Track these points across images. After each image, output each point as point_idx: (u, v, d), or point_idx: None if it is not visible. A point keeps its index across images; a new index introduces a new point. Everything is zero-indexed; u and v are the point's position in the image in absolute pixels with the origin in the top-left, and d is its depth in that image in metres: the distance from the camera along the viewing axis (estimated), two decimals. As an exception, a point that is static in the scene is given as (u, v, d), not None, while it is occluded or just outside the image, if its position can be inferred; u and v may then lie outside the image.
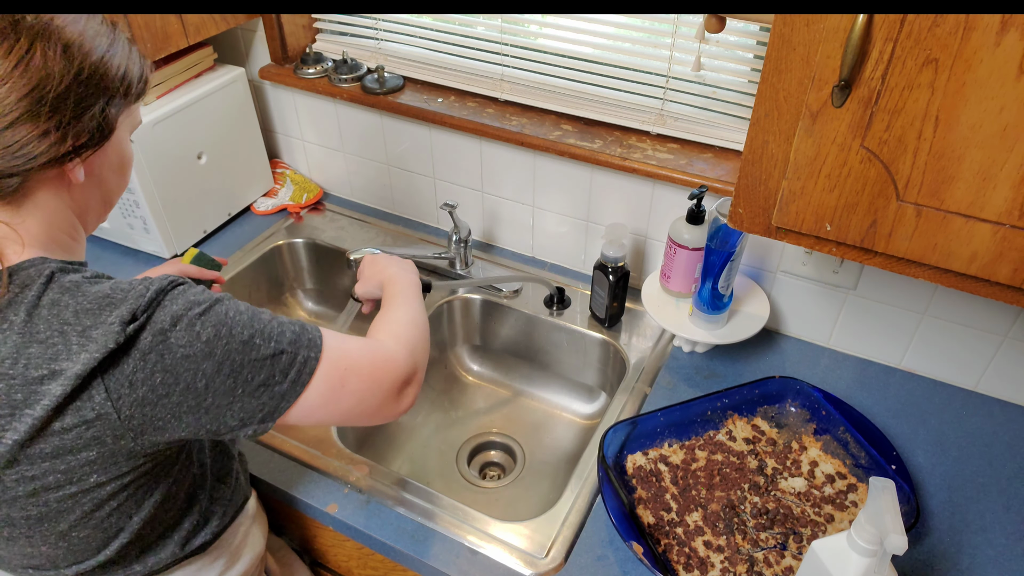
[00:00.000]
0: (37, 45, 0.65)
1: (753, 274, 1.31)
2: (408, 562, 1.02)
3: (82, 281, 0.70)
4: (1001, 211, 0.70)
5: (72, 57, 0.67)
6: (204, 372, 0.69)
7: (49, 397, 0.65)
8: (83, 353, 0.65)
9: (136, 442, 0.70)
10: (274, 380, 0.72)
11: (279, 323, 0.75)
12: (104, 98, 0.70)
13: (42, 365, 0.65)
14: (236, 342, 0.70)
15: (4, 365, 0.66)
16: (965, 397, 1.21)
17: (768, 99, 0.77)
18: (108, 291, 0.69)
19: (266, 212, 1.65)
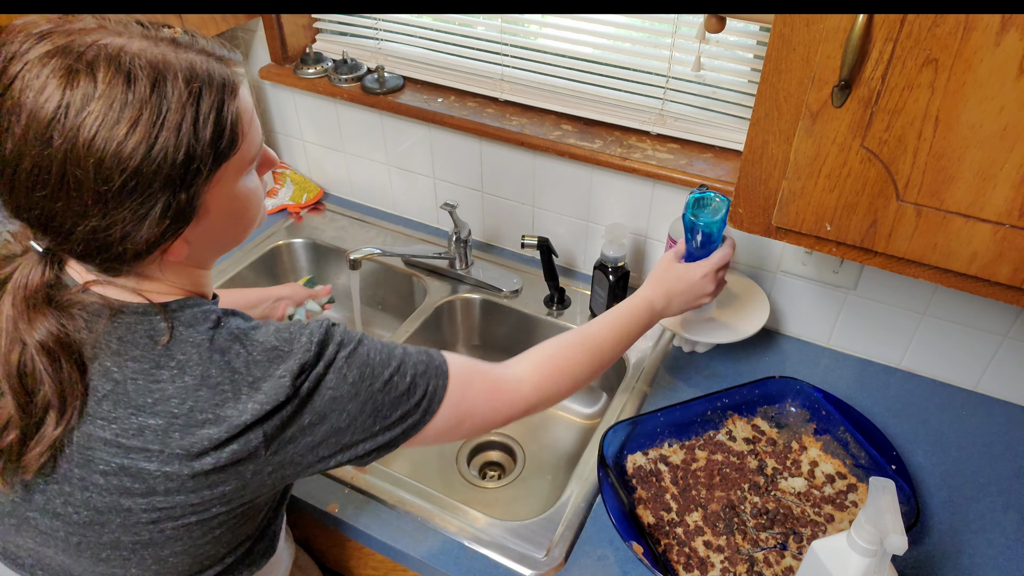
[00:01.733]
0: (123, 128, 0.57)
1: (753, 274, 1.31)
2: (408, 562, 1.02)
3: (248, 329, 0.70)
4: (1001, 211, 0.70)
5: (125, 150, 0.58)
6: (349, 412, 0.70)
7: (208, 440, 0.65)
8: (251, 403, 0.65)
9: (271, 477, 0.70)
10: (409, 414, 0.74)
11: (409, 355, 0.76)
12: (159, 196, 0.61)
13: (208, 409, 0.65)
14: (379, 382, 0.72)
15: (171, 404, 0.65)
16: (965, 397, 1.21)
17: (768, 99, 0.77)
18: (275, 342, 0.69)
19: (266, 212, 1.64)
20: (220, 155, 0.63)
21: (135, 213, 0.61)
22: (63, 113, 0.57)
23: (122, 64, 0.58)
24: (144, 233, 0.62)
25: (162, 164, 0.59)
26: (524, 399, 0.85)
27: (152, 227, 0.62)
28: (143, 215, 0.61)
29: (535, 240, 1.31)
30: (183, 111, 0.60)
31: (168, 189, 0.61)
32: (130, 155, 0.58)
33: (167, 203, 0.61)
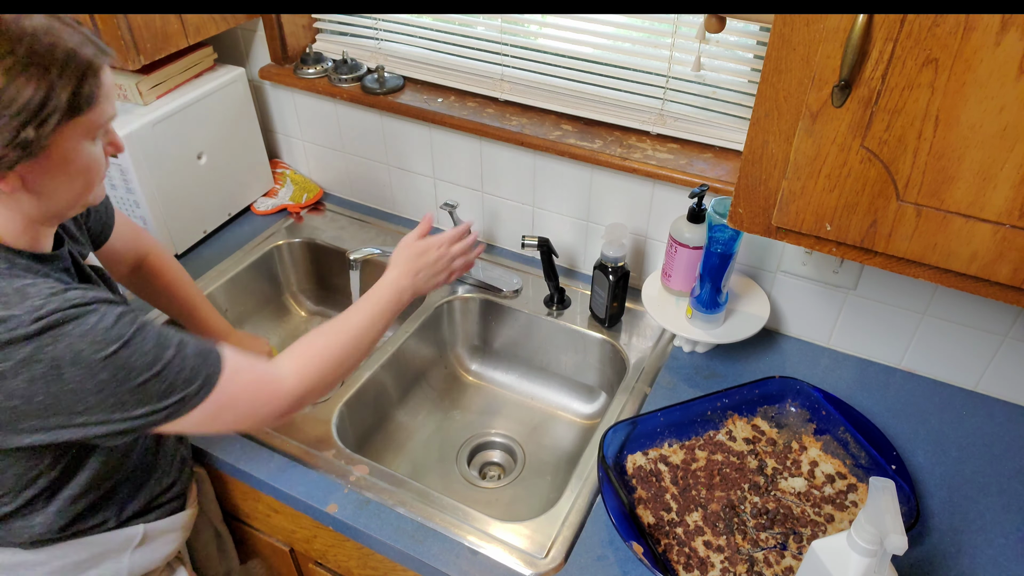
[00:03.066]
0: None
1: (753, 274, 1.31)
2: (408, 562, 1.02)
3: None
4: (1001, 211, 0.70)
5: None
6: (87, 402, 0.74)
7: None
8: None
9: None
10: (154, 410, 0.78)
11: (182, 359, 0.79)
12: (15, 126, 0.69)
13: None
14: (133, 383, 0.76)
15: None
16: (965, 397, 1.21)
17: (768, 99, 0.77)
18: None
19: (266, 212, 1.65)
20: (73, 108, 0.73)
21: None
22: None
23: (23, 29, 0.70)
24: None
25: (26, 99, 0.69)
26: (288, 392, 0.89)
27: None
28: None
29: (535, 240, 1.32)
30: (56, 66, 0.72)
31: (22, 120, 0.69)
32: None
33: (16, 131, 0.69)
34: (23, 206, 0.78)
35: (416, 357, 1.42)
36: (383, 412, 1.36)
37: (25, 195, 0.77)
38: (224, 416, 0.84)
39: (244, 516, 1.27)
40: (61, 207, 0.81)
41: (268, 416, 0.88)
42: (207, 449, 1.13)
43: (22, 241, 0.81)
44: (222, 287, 1.48)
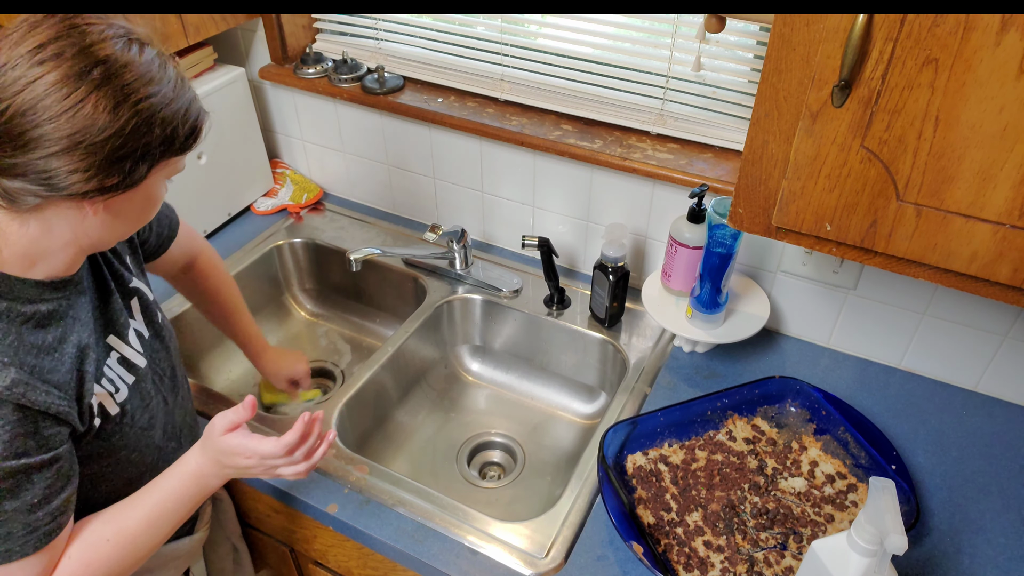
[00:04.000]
0: (91, 97, 0.67)
1: (753, 274, 1.31)
2: (408, 562, 1.02)
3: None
4: (1001, 211, 0.70)
5: (120, 115, 0.69)
6: None
7: None
8: None
9: None
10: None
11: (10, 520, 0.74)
12: (140, 153, 0.72)
13: None
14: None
15: None
16: (965, 397, 1.21)
17: (768, 99, 0.77)
18: None
19: (266, 212, 1.65)
20: (179, 150, 0.76)
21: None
22: None
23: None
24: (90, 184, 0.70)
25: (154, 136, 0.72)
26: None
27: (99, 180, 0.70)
28: (110, 163, 0.70)
29: (536, 240, 1.32)
30: (190, 98, 0.76)
31: (141, 151, 0.72)
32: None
33: (135, 164, 0.72)
34: (88, 229, 0.76)
35: (416, 357, 1.42)
36: (383, 412, 1.36)
37: (100, 220, 0.76)
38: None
39: (244, 516, 1.27)
40: (119, 236, 0.82)
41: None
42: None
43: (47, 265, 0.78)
44: (222, 287, 1.48)
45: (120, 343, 0.89)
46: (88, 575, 0.81)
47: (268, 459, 0.88)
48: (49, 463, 0.76)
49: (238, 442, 0.87)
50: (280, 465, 0.90)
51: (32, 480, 0.74)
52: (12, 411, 0.72)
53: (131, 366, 0.90)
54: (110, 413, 0.85)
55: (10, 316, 0.75)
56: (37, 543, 0.76)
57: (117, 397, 0.87)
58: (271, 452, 0.88)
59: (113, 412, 0.86)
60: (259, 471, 0.90)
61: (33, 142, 0.67)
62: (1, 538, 0.74)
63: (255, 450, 0.87)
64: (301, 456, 0.91)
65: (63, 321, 0.80)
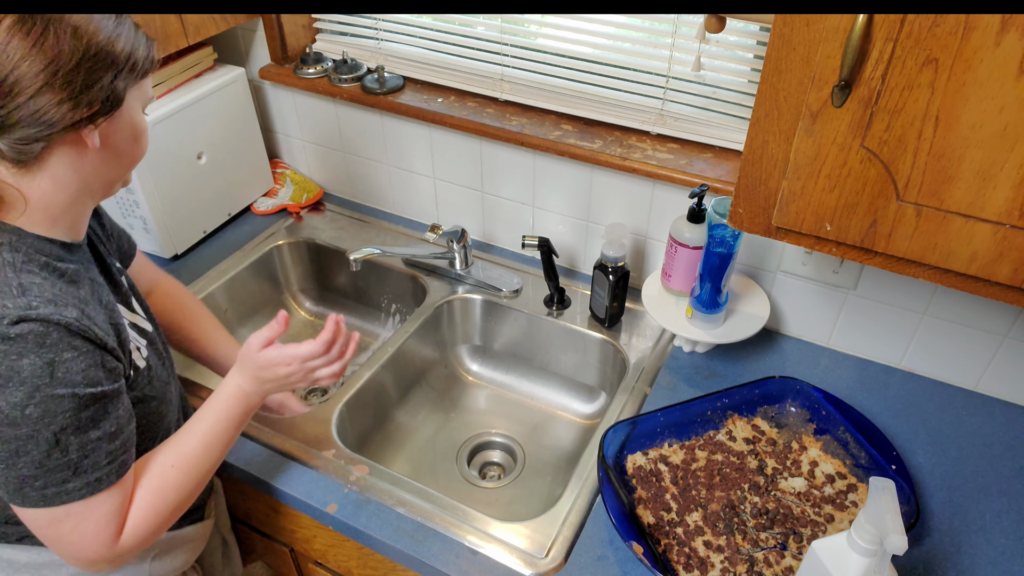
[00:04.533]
0: (50, 27, 0.71)
1: (753, 274, 1.31)
2: (408, 562, 1.02)
3: (3, 263, 0.76)
4: (1001, 211, 0.70)
5: (80, 36, 0.73)
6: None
7: None
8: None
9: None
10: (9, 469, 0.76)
11: (84, 453, 0.77)
12: (111, 72, 0.76)
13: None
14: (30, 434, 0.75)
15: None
16: (965, 397, 1.21)
17: (768, 99, 0.77)
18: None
19: (266, 212, 1.65)
20: (144, 70, 0.80)
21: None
22: None
23: None
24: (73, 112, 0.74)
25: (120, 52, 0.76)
26: (106, 550, 0.82)
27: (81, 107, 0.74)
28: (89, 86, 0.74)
29: (536, 240, 1.32)
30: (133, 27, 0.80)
31: (112, 70, 0.76)
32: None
33: (112, 82, 0.76)
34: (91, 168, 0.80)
35: (416, 357, 1.42)
36: (383, 412, 1.36)
37: (99, 156, 0.80)
38: (48, 534, 0.80)
39: (244, 516, 1.27)
40: (122, 170, 0.85)
41: (80, 561, 0.83)
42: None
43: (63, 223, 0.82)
44: (222, 287, 1.48)
45: (127, 311, 0.93)
46: (160, 500, 0.86)
47: (308, 360, 0.96)
48: (117, 393, 0.80)
49: (276, 353, 0.94)
50: (319, 366, 0.98)
51: (107, 410, 0.79)
52: (83, 342, 0.76)
53: (141, 331, 0.94)
54: (139, 366, 0.89)
55: (51, 269, 0.79)
56: (119, 470, 0.81)
57: (142, 352, 0.91)
58: (311, 352, 0.96)
59: (141, 365, 0.90)
60: (298, 376, 0.97)
61: (15, 86, 0.70)
62: (90, 467, 0.78)
63: (295, 355, 0.95)
64: (336, 354, 0.99)
65: (85, 281, 0.84)
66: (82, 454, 0.77)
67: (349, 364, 1.03)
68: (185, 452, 0.90)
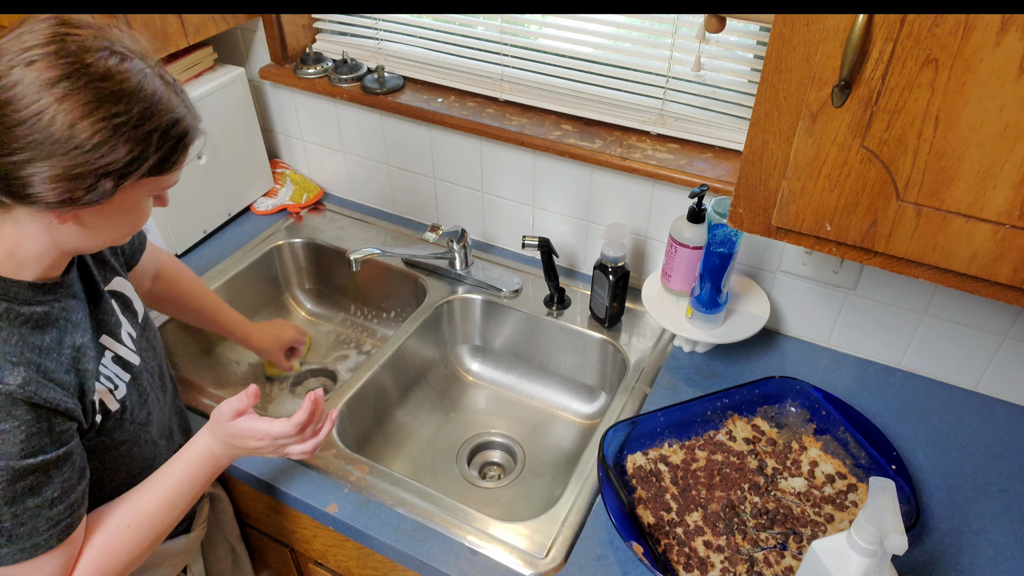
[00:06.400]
0: (54, 107, 0.66)
1: (753, 274, 1.31)
2: (408, 562, 1.02)
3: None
4: (1001, 211, 0.70)
5: (78, 130, 0.67)
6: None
7: None
8: None
9: None
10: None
11: (32, 515, 0.76)
12: (103, 172, 0.70)
13: None
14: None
15: None
16: (965, 397, 1.21)
17: (768, 99, 0.77)
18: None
19: (266, 212, 1.65)
20: (156, 170, 0.74)
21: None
22: None
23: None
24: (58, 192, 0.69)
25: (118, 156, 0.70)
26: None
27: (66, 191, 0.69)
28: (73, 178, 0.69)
29: (536, 240, 1.32)
30: (158, 133, 0.73)
31: (105, 172, 0.70)
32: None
33: (96, 180, 0.70)
34: (62, 236, 0.77)
35: (416, 357, 1.42)
36: (383, 412, 1.36)
37: (71, 229, 0.76)
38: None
39: (244, 516, 1.27)
40: (97, 245, 0.82)
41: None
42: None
43: (32, 268, 0.78)
44: (222, 287, 1.48)
45: (114, 342, 0.90)
46: (112, 561, 0.84)
47: (279, 439, 0.92)
48: (64, 458, 0.77)
49: (249, 425, 0.90)
50: (291, 443, 0.94)
51: (50, 476, 0.76)
52: (26, 410, 0.73)
53: (126, 364, 0.91)
54: (110, 409, 0.86)
55: (10, 317, 0.76)
56: (60, 535, 0.78)
57: (116, 394, 0.88)
58: (283, 432, 0.91)
59: (113, 408, 0.87)
60: (269, 451, 0.94)
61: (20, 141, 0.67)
62: (27, 534, 0.76)
63: (266, 431, 0.91)
64: (310, 433, 0.95)
65: (58, 323, 0.81)
66: (17, 523, 0.74)
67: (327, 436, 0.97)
68: (143, 511, 0.87)
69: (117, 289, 0.96)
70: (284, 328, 1.39)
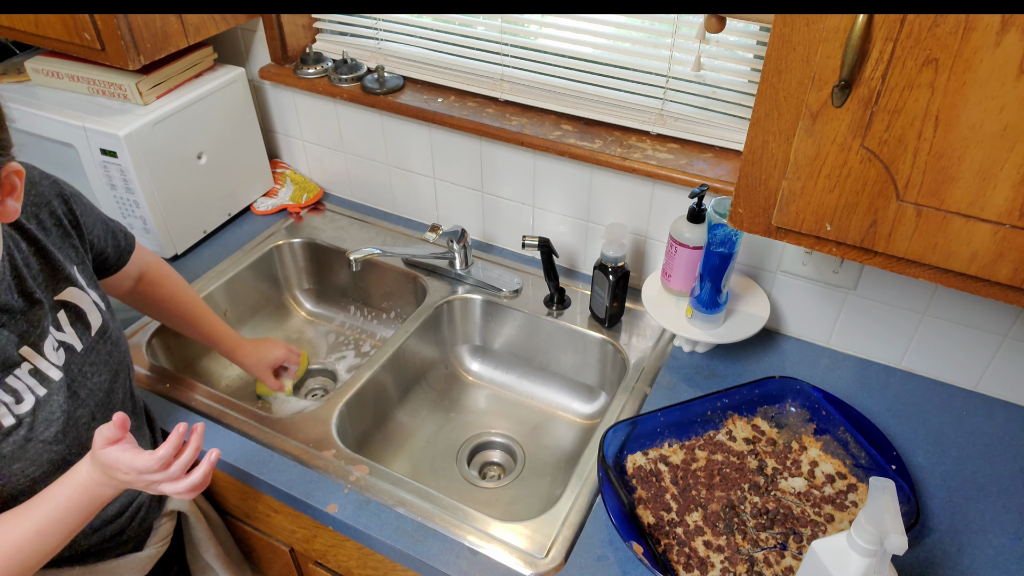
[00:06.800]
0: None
1: (753, 274, 1.31)
2: (408, 562, 1.02)
3: None
4: (1001, 211, 0.70)
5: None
6: None
7: None
8: None
9: None
10: None
11: None
12: None
13: None
14: None
15: None
16: (965, 397, 1.21)
17: (768, 99, 0.77)
18: None
19: (266, 212, 1.65)
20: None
21: None
22: None
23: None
24: None
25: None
26: None
27: None
28: None
29: (536, 240, 1.32)
30: None
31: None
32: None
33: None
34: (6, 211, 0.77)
35: (416, 357, 1.42)
36: (383, 412, 1.36)
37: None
38: None
39: (244, 516, 1.27)
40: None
41: None
42: (205, 449, 1.13)
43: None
44: (222, 287, 1.48)
45: (34, 354, 0.87)
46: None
47: (145, 474, 0.83)
48: None
49: (115, 456, 0.83)
50: (159, 481, 0.85)
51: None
52: None
53: (44, 378, 0.88)
54: (2, 424, 0.83)
55: None
56: None
57: (16, 408, 0.85)
58: (145, 466, 0.82)
59: (7, 423, 0.84)
60: (141, 486, 0.86)
61: None
62: None
63: (131, 464, 0.83)
64: (178, 471, 0.85)
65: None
66: None
67: (206, 485, 0.88)
68: (11, 539, 0.81)
69: (69, 300, 0.92)
70: (273, 347, 1.34)
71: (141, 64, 1.26)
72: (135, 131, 1.31)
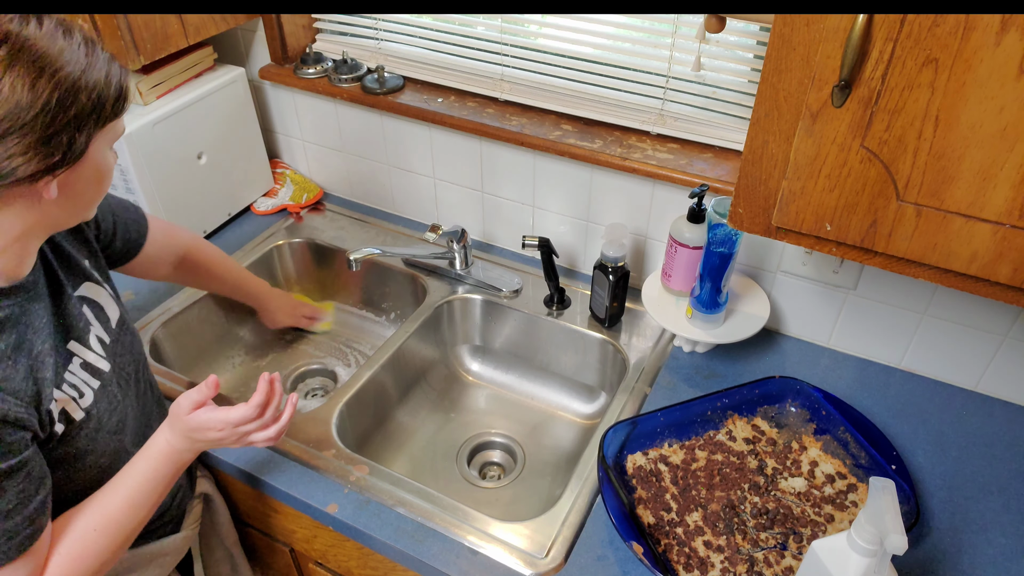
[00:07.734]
0: (6, 78, 0.66)
1: (753, 274, 1.31)
2: (408, 562, 1.02)
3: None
4: (1001, 211, 0.70)
5: (39, 89, 0.67)
6: None
7: None
8: None
9: None
10: None
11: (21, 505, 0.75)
12: (74, 124, 0.71)
13: None
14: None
15: None
16: (965, 397, 1.21)
17: (768, 99, 0.77)
18: None
19: (266, 212, 1.65)
20: (113, 114, 0.75)
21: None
22: None
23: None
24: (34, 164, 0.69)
25: (82, 105, 0.71)
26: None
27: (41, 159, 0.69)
28: (47, 140, 0.69)
29: (536, 240, 1.32)
30: (106, 63, 0.75)
31: (75, 122, 0.71)
32: None
33: (72, 136, 0.71)
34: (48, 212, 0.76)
35: (416, 357, 1.42)
36: (383, 412, 1.36)
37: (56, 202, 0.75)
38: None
39: (244, 516, 1.27)
40: (80, 214, 0.81)
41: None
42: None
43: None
44: (222, 287, 1.48)
45: (82, 348, 0.88)
46: (81, 566, 0.82)
47: (240, 425, 0.89)
48: (17, 468, 0.75)
49: (207, 416, 0.88)
50: (252, 430, 0.91)
51: (3, 487, 0.74)
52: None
53: (95, 371, 0.89)
54: (74, 418, 0.84)
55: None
56: (20, 547, 0.76)
57: (82, 402, 0.86)
58: (242, 417, 0.89)
59: (78, 417, 0.85)
60: (232, 440, 0.91)
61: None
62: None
63: (225, 420, 0.88)
64: (270, 417, 0.92)
65: (16, 328, 0.78)
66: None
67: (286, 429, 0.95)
68: (109, 513, 0.85)
69: (88, 295, 0.93)
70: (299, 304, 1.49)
71: (141, 64, 1.26)
72: (135, 131, 1.31)
